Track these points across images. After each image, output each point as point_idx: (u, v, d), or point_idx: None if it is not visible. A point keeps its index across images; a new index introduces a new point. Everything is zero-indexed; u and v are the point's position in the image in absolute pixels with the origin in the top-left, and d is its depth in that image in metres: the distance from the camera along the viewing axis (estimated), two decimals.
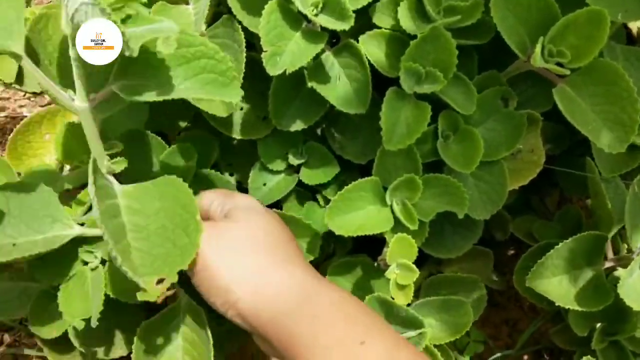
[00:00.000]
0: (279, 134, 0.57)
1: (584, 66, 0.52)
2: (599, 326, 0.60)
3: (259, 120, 0.57)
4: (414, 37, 0.51)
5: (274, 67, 0.48)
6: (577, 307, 0.56)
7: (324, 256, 0.66)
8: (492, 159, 0.58)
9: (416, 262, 0.54)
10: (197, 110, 0.63)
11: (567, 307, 0.56)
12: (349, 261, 0.62)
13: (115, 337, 0.58)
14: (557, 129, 0.66)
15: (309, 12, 0.48)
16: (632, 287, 0.52)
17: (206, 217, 0.49)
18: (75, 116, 0.69)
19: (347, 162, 0.60)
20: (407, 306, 0.53)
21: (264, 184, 0.61)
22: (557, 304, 0.56)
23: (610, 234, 0.59)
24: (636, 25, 0.81)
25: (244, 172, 0.62)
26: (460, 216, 0.56)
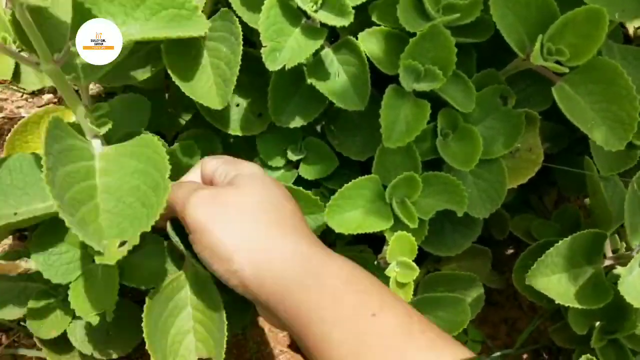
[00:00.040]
0: (278, 131, 0.57)
1: (583, 64, 0.52)
2: (598, 324, 0.60)
3: (255, 116, 0.57)
4: (413, 34, 0.51)
5: (273, 63, 0.48)
6: (577, 305, 0.56)
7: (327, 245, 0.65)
8: (491, 157, 0.58)
9: (415, 259, 0.54)
10: (196, 110, 0.63)
11: (566, 305, 0.56)
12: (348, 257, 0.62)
13: (114, 337, 0.57)
14: (555, 127, 0.66)
15: (308, 8, 0.48)
16: (632, 284, 0.51)
17: (210, 182, 0.48)
18: (73, 116, 0.69)
19: (347, 158, 0.60)
20: None
21: None
22: (556, 302, 0.56)
23: (609, 232, 0.59)
24: (632, 25, 0.81)
25: None
26: (459, 214, 0.56)
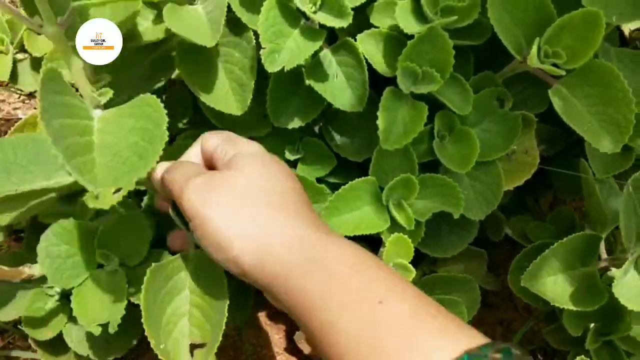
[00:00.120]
0: (276, 131, 0.57)
1: (579, 67, 0.52)
2: (592, 326, 0.60)
3: (260, 117, 0.57)
4: (411, 37, 0.51)
5: (272, 64, 0.48)
6: (572, 307, 0.56)
7: None
8: (488, 160, 0.58)
9: (412, 261, 0.54)
10: (194, 111, 0.63)
11: (561, 306, 0.56)
12: None
13: (111, 339, 0.57)
14: (551, 130, 0.66)
15: (307, 10, 0.48)
16: (627, 286, 0.52)
17: (210, 160, 0.47)
18: None
19: (345, 158, 0.60)
20: None
21: None
22: (552, 303, 0.56)
23: (604, 234, 0.59)
24: (628, 27, 0.82)
25: None
26: (455, 216, 0.56)
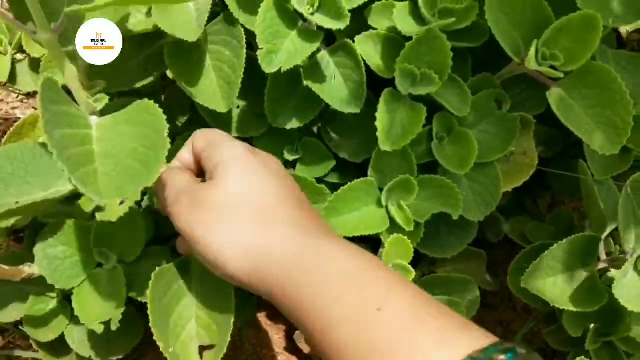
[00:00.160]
0: (274, 132, 0.57)
1: (577, 69, 0.52)
2: (592, 327, 0.60)
3: (255, 118, 0.57)
4: (410, 38, 0.52)
5: (269, 65, 0.48)
6: (572, 308, 0.56)
7: None
8: (486, 161, 0.58)
9: (411, 262, 0.54)
10: (192, 112, 0.64)
11: (561, 307, 0.56)
12: None
13: (113, 340, 0.57)
14: (549, 132, 0.66)
15: (305, 11, 0.48)
16: (627, 287, 0.52)
17: (198, 160, 0.47)
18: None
19: (343, 159, 0.60)
20: None
21: None
22: (551, 304, 0.56)
23: (603, 236, 0.59)
24: (626, 29, 0.82)
25: None
26: (454, 217, 0.56)
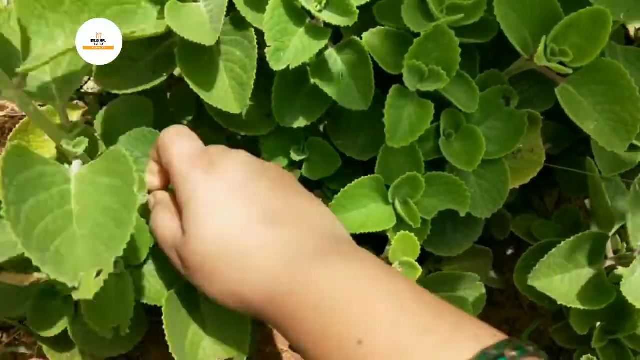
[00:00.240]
0: (281, 131, 0.57)
1: (586, 65, 0.52)
2: (599, 325, 0.60)
3: (263, 116, 0.57)
4: (417, 35, 0.51)
5: (277, 63, 0.48)
6: (579, 306, 0.56)
7: None
8: (494, 158, 0.58)
9: (417, 259, 0.54)
10: (198, 110, 0.63)
11: (568, 305, 0.56)
12: None
13: (116, 336, 0.57)
14: (557, 128, 0.66)
15: (312, 8, 0.48)
16: (634, 285, 0.51)
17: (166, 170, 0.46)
18: (73, 117, 0.69)
19: (350, 158, 0.60)
20: None
21: None
22: (558, 302, 0.56)
23: (610, 233, 0.59)
24: (634, 26, 0.81)
25: None
26: (462, 214, 0.56)
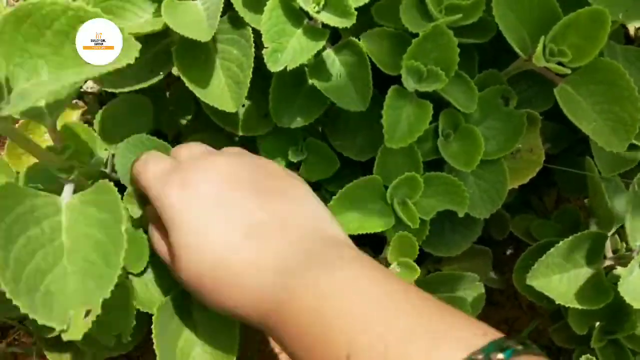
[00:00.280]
0: (279, 131, 0.57)
1: (585, 65, 0.52)
2: (598, 325, 0.60)
3: (260, 117, 0.57)
4: (416, 35, 0.51)
5: (275, 64, 0.48)
6: (577, 306, 0.56)
7: None
8: (492, 158, 0.58)
9: (416, 260, 0.54)
10: (197, 109, 0.63)
11: (567, 305, 0.56)
12: None
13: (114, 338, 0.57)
14: (556, 128, 0.66)
15: (310, 9, 0.48)
16: (633, 285, 0.52)
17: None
18: (73, 116, 0.69)
19: (348, 158, 0.60)
20: None
21: None
22: (557, 302, 0.56)
23: (609, 233, 0.59)
24: (633, 25, 0.81)
25: None
26: (460, 215, 0.56)
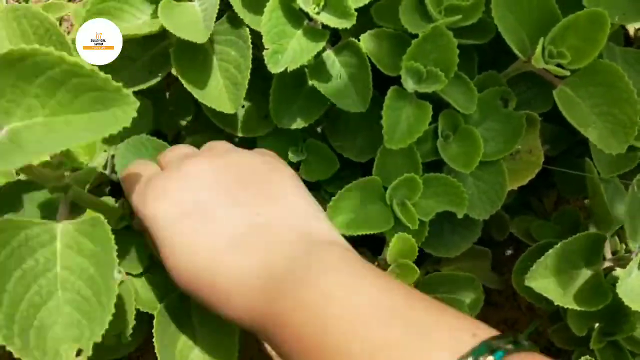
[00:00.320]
0: (279, 132, 0.57)
1: (584, 67, 0.52)
2: (597, 326, 0.60)
3: (260, 118, 0.57)
4: (415, 36, 0.51)
5: (275, 65, 0.48)
6: (576, 307, 0.56)
7: None
8: (492, 159, 0.58)
9: (415, 261, 0.54)
10: (197, 110, 0.64)
11: (565, 306, 0.56)
12: None
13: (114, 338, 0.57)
14: (555, 130, 0.66)
15: (310, 10, 0.48)
16: (631, 286, 0.52)
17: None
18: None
19: (348, 159, 0.60)
20: None
21: None
22: (555, 303, 0.56)
23: (608, 234, 0.59)
24: (633, 26, 0.81)
25: None
26: (459, 216, 0.56)
